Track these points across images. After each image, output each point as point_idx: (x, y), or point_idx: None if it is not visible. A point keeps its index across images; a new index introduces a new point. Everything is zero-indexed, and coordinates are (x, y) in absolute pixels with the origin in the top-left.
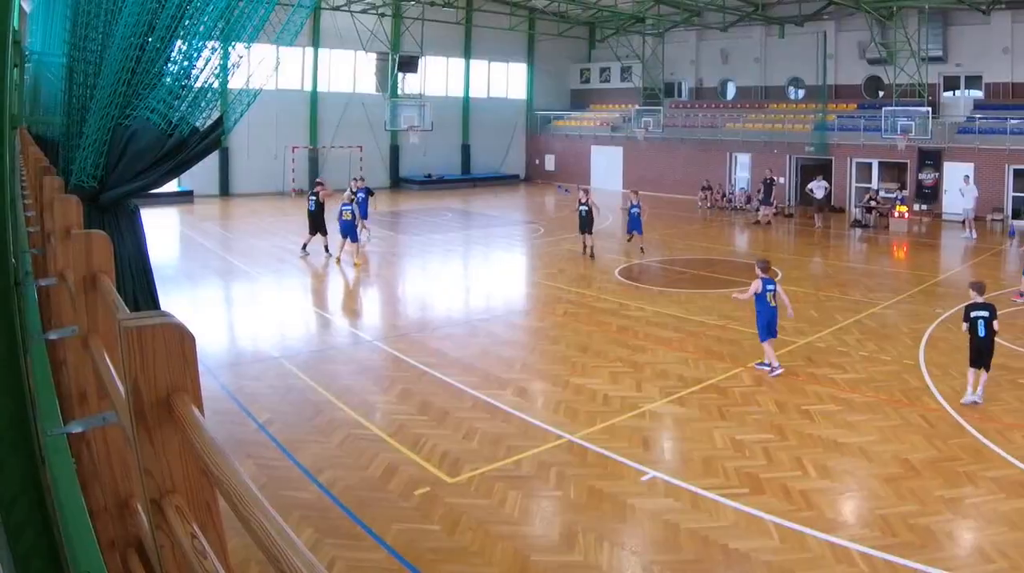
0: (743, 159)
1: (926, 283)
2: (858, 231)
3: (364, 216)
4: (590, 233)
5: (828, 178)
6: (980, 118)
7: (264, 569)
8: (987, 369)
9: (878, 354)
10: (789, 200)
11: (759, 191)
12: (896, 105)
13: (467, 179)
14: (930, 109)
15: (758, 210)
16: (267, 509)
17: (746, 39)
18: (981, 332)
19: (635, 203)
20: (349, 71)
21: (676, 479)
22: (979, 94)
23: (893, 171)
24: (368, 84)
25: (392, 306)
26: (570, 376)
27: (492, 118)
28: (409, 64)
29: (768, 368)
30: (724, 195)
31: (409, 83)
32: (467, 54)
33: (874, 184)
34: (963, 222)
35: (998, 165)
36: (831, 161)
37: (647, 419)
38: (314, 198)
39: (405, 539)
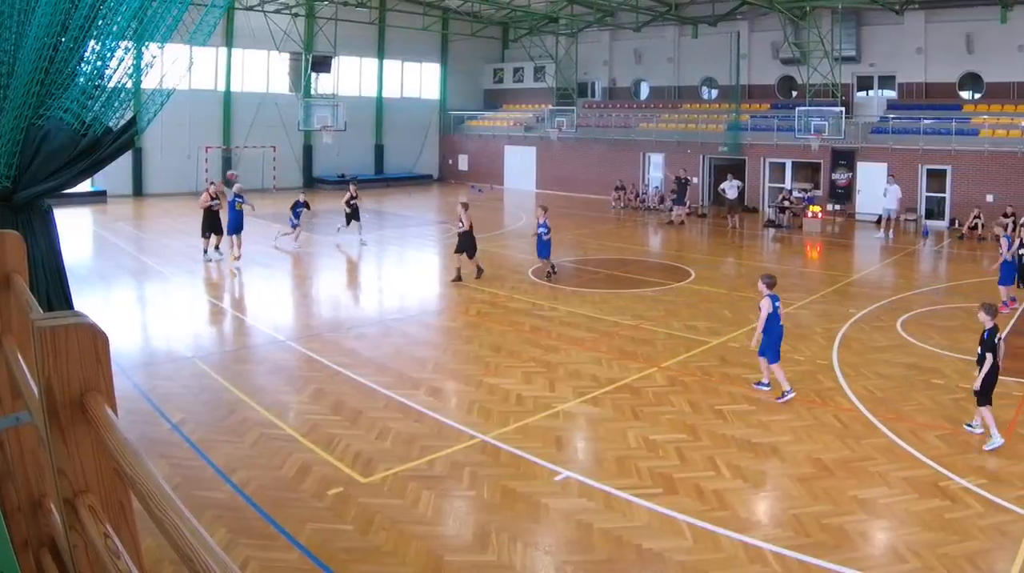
0: (656, 159)
1: (839, 283)
2: (771, 231)
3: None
4: (471, 255)
5: (741, 178)
6: (893, 118)
7: (178, 569)
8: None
9: (791, 354)
10: (702, 200)
11: (672, 191)
12: (809, 105)
13: (380, 179)
14: (843, 109)
15: (671, 210)
16: (180, 509)
17: (659, 39)
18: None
19: (542, 223)
20: (262, 71)
21: (589, 479)
22: (892, 94)
23: (807, 171)
24: (281, 84)
25: (305, 306)
26: (483, 376)
27: (405, 118)
28: (322, 64)
29: (766, 388)
30: (637, 195)
31: (322, 83)
32: (380, 54)
33: (787, 184)
34: (877, 221)
35: (911, 165)
36: (744, 161)
37: (560, 419)
38: (216, 200)
39: (318, 539)
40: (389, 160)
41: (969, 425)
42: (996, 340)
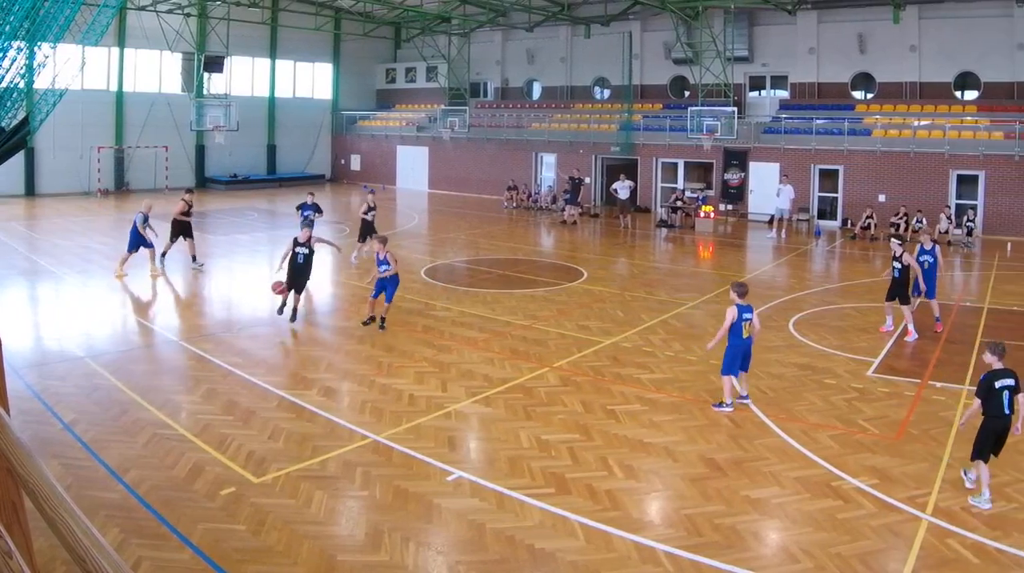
0: (549, 159)
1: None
2: (664, 231)
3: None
4: (301, 289)
5: (633, 178)
6: (786, 118)
7: (71, 569)
8: (996, 454)
9: (684, 354)
10: (594, 200)
11: (565, 191)
12: (702, 105)
13: (273, 179)
14: (736, 109)
15: (563, 210)
16: (73, 509)
17: (552, 39)
18: (1006, 408)
19: (383, 258)
20: (155, 71)
21: (482, 479)
22: (785, 94)
23: (699, 171)
24: (174, 84)
25: (198, 306)
26: (376, 376)
27: (298, 118)
28: (215, 64)
29: (720, 406)
30: (530, 195)
31: (215, 83)
32: (273, 54)
33: (680, 184)
34: (769, 221)
35: (803, 165)
36: (637, 161)
37: (453, 419)
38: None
39: (211, 539)
40: (281, 160)
41: (965, 472)
42: (996, 386)
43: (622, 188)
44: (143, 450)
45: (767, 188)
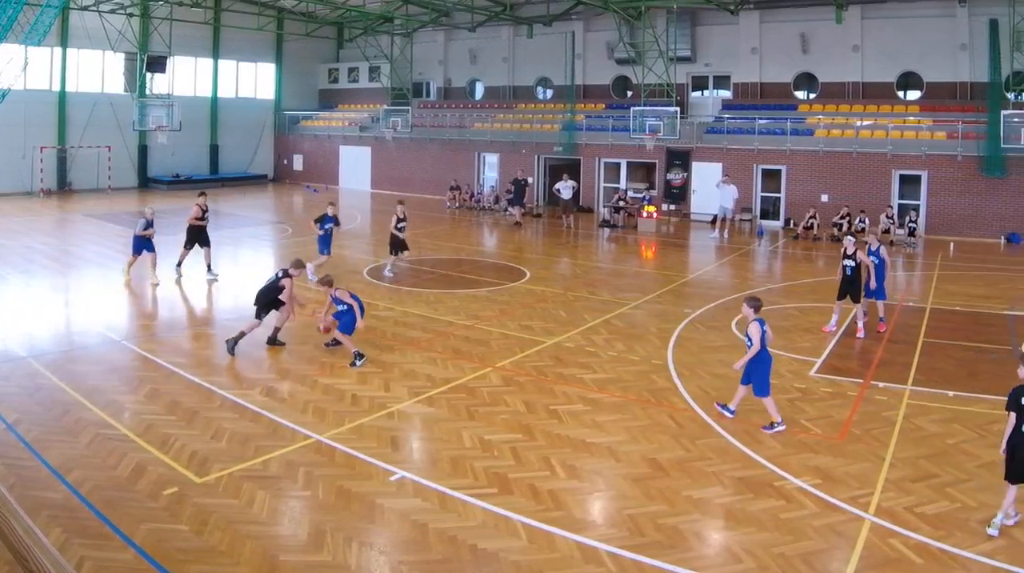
0: (491, 159)
1: (674, 283)
2: (606, 231)
3: (325, 251)
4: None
5: (576, 178)
6: (728, 118)
7: (13, 569)
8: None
9: (626, 354)
10: (537, 200)
11: (508, 191)
12: (644, 105)
13: (215, 179)
14: (678, 109)
15: (506, 210)
16: (15, 509)
17: (494, 39)
18: None
19: (336, 297)
20: (98, 71)
21: (425, 479)
22: (727, 94)
23: (642, 171)
24: (117, 84)
25: (142, 306)
26: (318, 376)
27: (240, 118)
28: (157, 64)
29: (772, 428)
30: (472, 195)
31: (157, 83)
32: (215, 54)
33: (622, 184)
34: (712, 221)
35: (746, 165)
36: (579, 161)
37: (396, 419)
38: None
39: (154, 539)
40: (224, 160)
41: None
42: (1023, 402)
43: (565, 188)
44: (86, 450)
45: (710, 188)
